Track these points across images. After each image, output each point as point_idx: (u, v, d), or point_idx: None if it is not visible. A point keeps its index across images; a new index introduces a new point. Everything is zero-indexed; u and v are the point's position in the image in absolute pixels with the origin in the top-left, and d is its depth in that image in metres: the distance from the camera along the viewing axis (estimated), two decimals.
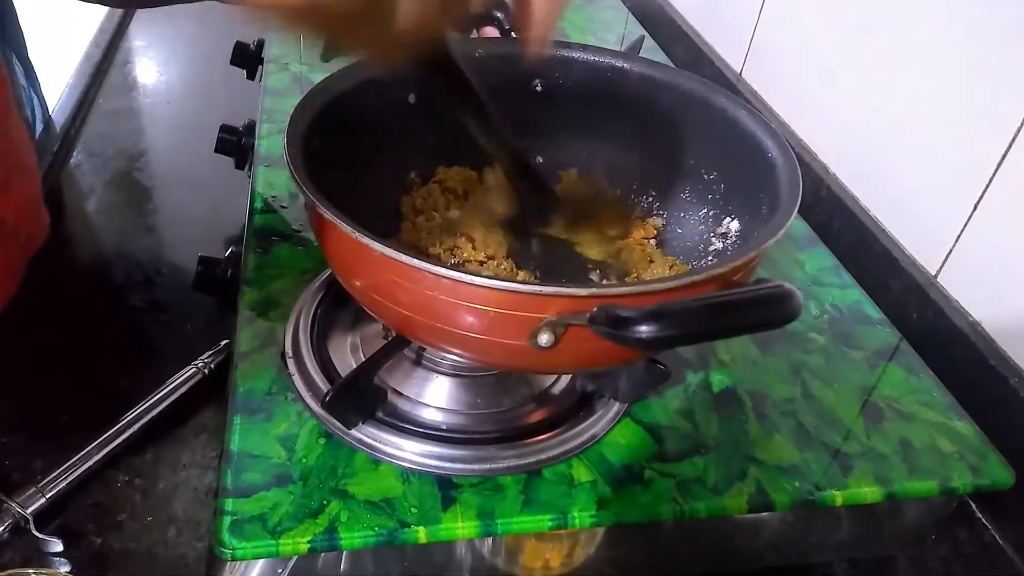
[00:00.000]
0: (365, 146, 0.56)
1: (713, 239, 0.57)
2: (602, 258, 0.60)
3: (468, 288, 0.39)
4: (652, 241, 0.61)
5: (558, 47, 0.60)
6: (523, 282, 0.38)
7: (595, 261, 0.59)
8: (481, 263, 0.57)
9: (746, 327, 0.40)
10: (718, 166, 0.58)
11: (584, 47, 0.61)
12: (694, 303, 0.37)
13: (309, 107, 0.50)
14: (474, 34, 0.70)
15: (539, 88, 0.61)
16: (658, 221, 0.61)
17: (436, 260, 0.43)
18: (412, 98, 0.58)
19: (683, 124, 0.59)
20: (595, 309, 0.37)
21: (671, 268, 0.58)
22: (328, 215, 0.41)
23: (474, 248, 0.57)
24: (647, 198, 0.62)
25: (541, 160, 0.63)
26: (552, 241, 0.59)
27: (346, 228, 0.40)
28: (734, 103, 0.56)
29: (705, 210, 0.59)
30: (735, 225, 0.56)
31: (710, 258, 0.57)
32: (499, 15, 0.65)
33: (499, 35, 0.65)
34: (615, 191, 0.63)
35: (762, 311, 0.38)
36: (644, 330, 0.35)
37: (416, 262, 0.39)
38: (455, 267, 0.39)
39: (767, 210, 0.50)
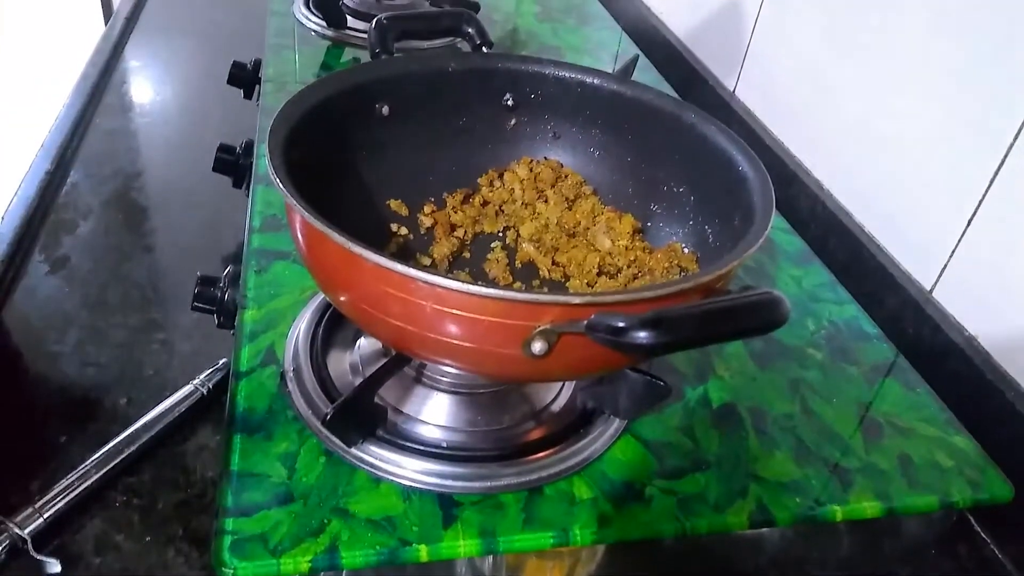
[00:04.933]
0: (342, 158, 0.56)
1: (685, 250, 0.58)
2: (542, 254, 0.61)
3: (461, 297, 0.39)
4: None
5: (530, 63, 0.61)
6: (518, 291, 0.39)
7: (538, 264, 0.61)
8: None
9: (740, 332, 0.41)
10: (688, 180, 0.59)
11: (556, 63, 0.61)
12: (691, 309, 0.38)
13: (286, 120, 0.50)
14: None
15: (510, 103, 0.62)
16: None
17: (430, 269, 0.44)
18: (385, 110, 0.59)
19: (653, 141, 0.59)
20: (593, 316, 0.38)
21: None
22: (319, 226, 0.41)
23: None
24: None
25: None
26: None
27: (339, 239, 0.40)
28: (703, 120, 0.56)
29: (675, 223, 0.60)
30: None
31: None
32: (470, 30, 0.65)
33: (470, 49, 0.65)
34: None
35: (755, 316, 0.39)
36: (644, 336, 0.36)
37: (411, 271, 0.39)
38: (450, 276, 0.39)
39: (740, 222, 0.50)
